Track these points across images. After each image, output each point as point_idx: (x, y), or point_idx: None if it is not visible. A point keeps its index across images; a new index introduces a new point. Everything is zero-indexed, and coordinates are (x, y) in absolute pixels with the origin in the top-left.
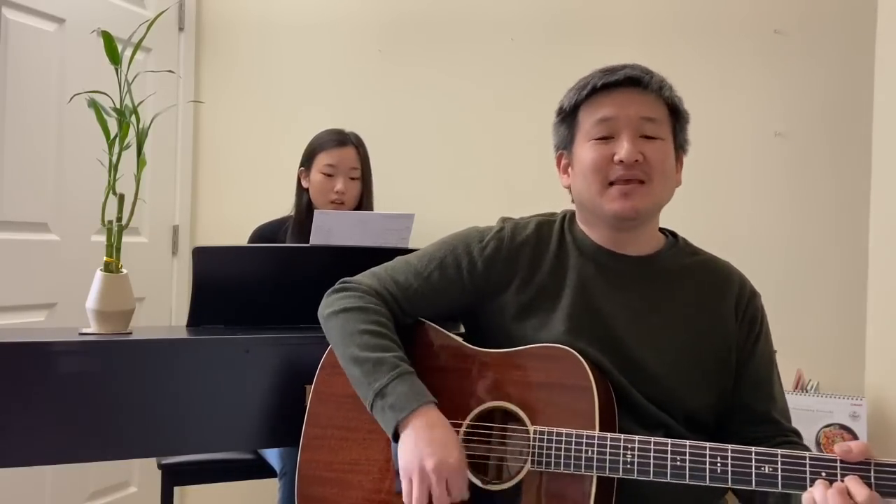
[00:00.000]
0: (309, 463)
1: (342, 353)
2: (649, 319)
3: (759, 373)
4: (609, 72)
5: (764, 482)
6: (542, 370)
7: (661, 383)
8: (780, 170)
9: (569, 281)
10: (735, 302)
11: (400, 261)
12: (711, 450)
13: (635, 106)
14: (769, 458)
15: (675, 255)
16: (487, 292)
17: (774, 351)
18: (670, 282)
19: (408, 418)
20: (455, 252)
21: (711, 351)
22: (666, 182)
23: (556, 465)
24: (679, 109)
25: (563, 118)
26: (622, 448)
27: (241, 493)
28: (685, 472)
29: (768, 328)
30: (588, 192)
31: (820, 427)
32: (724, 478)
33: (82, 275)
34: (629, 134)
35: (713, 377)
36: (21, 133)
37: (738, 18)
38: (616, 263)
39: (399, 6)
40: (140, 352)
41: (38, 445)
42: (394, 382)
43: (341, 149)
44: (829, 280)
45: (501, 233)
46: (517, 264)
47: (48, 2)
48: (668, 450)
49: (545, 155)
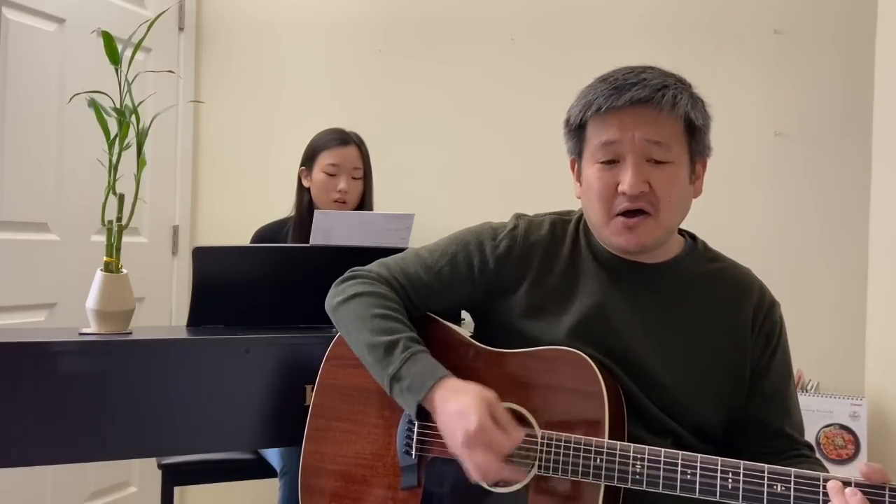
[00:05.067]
0: (313, 454)
1: (355, 339)
2: (661, 329)
3: (774, 387)
4: (615, 91)
5: (776, 501)
6: (553, 373)
7: (670, 394)
8: (780, 170)
9: (581, 286)
10: (752, 313)
11: (411, 253)
12: (723, 465)
13: (642, 128)
14: (782, 478)
15: (693, 261)
16: (497, 291)
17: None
18: (686, 290)
19: (428, 398)
20: (467, 248)
21: (725, 364)
22: (675, 209)
23: (564, 471)
24: (695, 124)
25: (571, 131)
26: (631, 459)
27: (241, 493)
28: (695, 487)
29: (787, 340)
30: (595, 216)
31: (820, 427)
32: (736, 494)
33: (82, 275)
34: (633, 160)
35: (725, 390)
36: (21, 133)
37: (739, 18)
38: (630, 271)
39: (399, 6)
40: (140, 352)
41: (38, 445)
42: (407, 364)
43: (344, 148)
44: (829, 280)
45: (515, 231)
46: (529, 265)
47: (48, 2)
48: (678, 463)
49: (545, 155)
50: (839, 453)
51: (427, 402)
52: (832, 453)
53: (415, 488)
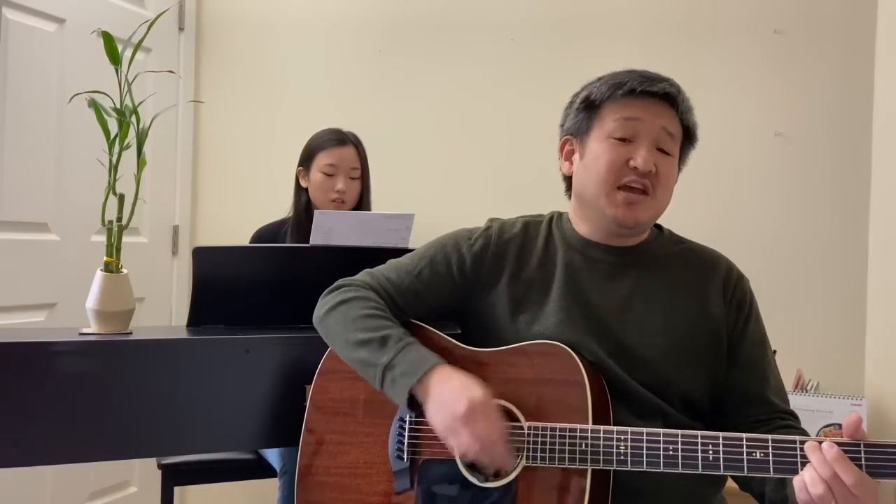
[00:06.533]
0: (308, 469)
1: (345, 340)
2: (637, 306)
3: (751, 354)
4: (649, 80)
5: (756, 468)
6: (535, 367)
7: (653, 368)
8: (780, 170)
9: (557, 273)
10: (722, 284)
11: (392, 262)
12: (703, 438)
13: (662, 118)
14: (760, 444)
15: (661, 244)
16: (478, 288)
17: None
18: (656, 269)
19: (422, 381)
20: (445, 250)
21: (702, 334)
22: (666, 197)
23: (551, 459)
24: (693, 135)
25: (586, 107)
26: (615, 440)
27: (241, 493)
28: (678, 461)
29: (758, 311)
30: (594, 188)
31: (820, 427)
32: (717, 465)
33: (82, 275)
34: (649, 142)
35: (705, 360)
36: (21, 133)
37: (739, 18)
38: (602, 254)
39: (399, 6)
40: (140, 352)
41: (38, 445)
42: (401, 353)
43: (341, 148)
44: (829, 280)
45: (489, 231)
46: (505, 259)
47: (48, 2)
48: (660, 440)
49: (545, 154)
50: None
51: (421, 387)
52: None
53: (408, 491)
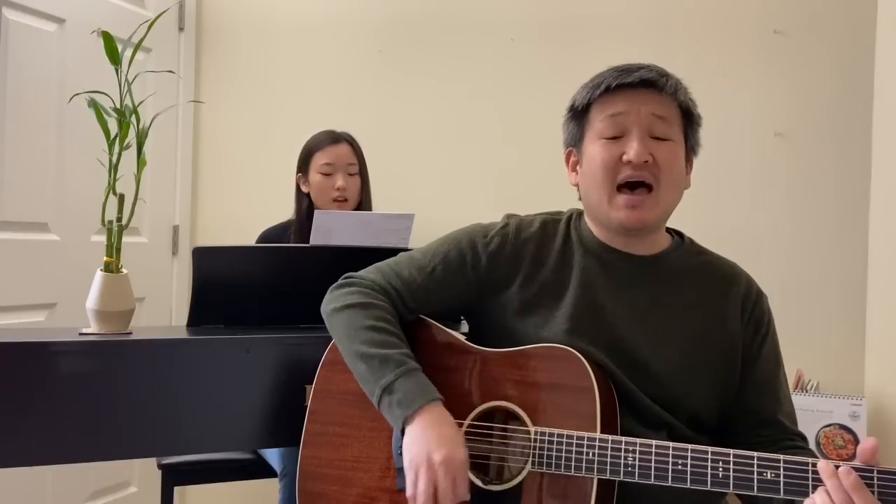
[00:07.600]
0: (310, 459)
1: (347, 349)
2: (653, 319)
3: (764, 375)
4: (624, 71)
5: (766, 488)
6: (544, 370)
7: (664, 383)
8: (780, 170)
9: (573, 279)
10: (741, 302)
11: (404, 256)
12: (714, 454)
13: (648, 104)
14: (772, 464)
15: (681, 255)
16: (491, 288)
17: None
18: (675, 282)
19: (415, 414)
20: (459, 247)
21: (716, 351)
22: (674, 186)
23: (557, 466)
24: (692, 112)
25: (574, 115)
26: (623, 451)
27: (241, 493)
28: (686, 477)
29: (775, 330)
30: (596, 195)
31: (820, 427)
32: (726, 483)
33: (82, 275)
34: (639, 133)
35: (718, 378)
36: (21, 133)
37: (739, 18)
38: (621, 262)
39: (399, 6)
40: (140, 352)
41: (38, 445)
42: (401, 379)
43: (336, 146)
44: (829, 280)
45: (506, 229)
46: (521, 260)
47: (48, 2)
48: (669, 453)
49: (545, 155)
50: (839, 453)
51: (412, 418)
52: (832, 453)
53: None
